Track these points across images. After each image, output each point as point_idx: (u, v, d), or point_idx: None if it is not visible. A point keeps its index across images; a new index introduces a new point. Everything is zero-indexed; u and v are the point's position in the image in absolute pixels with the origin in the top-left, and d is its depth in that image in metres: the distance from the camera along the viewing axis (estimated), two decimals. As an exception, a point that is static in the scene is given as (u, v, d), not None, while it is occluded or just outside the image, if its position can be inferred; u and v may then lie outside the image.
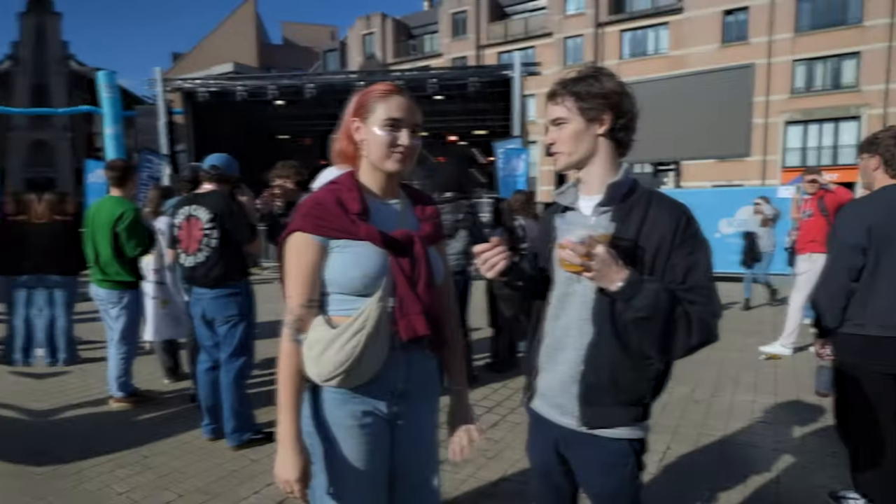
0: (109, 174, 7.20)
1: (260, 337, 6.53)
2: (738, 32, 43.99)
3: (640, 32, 48.74)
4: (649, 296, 2.26)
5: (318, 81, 22.99)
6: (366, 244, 2.45)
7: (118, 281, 7.19)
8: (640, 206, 2.51)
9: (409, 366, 2.61)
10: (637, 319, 2.31)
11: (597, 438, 2.58)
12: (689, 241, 2.45)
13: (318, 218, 2.45)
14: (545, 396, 2.75)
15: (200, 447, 6.09)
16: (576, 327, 2.58)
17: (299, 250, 2.46)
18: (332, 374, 2.38)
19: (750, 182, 41.66)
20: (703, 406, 7.27)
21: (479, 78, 21.60)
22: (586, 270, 2.29)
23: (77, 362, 9.41)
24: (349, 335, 2.35)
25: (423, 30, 63.97)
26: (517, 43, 54.66)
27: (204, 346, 6.18)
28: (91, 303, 7.64)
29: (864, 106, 39.54)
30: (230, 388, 5.89)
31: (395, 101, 2.52)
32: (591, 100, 2.48)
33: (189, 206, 5.94)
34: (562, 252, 2.30)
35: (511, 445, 6.01)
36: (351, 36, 64.98)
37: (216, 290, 5.86)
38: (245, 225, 5.98)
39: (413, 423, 2.70)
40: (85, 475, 5.44)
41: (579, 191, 2.70)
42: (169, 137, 22.63)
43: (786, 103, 42.05)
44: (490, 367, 8.99)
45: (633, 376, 2.51)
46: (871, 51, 39.41)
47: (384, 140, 2.49)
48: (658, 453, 5.83)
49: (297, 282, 2.47)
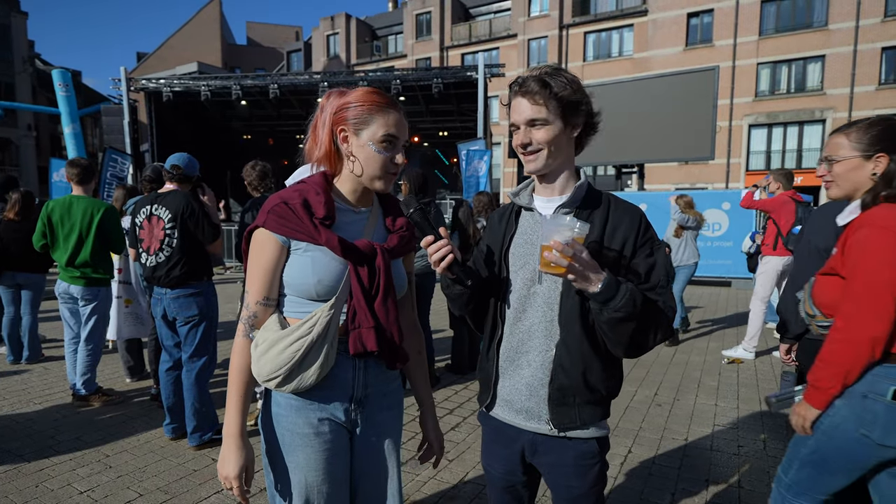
0: (71, 171, 7.16)
1: (222, 337, 6.55)
2: (703, 35, 44.09)
3: (605, 34, 48.74)
4: (626, 297, 2.29)
5: (282, 82, 23.03)
6: (325, 250, 2.42)
7: (95, 278, 7.19)
8: (601, 209, 2.56)
9: (367, 372, 2.58)
10: (614, 320, 2.32)
11: (568, 441, 2.60)
12: (648, 243, 2.53)
13: (281, 217, 2.40)
14: (509, 402, 2.70)
15: (162, 446, 6.10)
16: (541, 329, 2.58)
17: (261, 247, 2.44)
18: (270, 376, 2.39)
19: (714, 185, 42.00)
20: (665, 409, 7.32)
21: (443, 79, 21.77)
22: (569, 272, 2.28)
23: (40, 360, 9.43)
24: (292, 339, 2.36)
25: (388, 30, 63.73)
26: (481, 44, 54.59)
27: (165, 345, 6.20)
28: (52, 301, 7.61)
29: (829, 109, 39.70)
30: (191, 387, 5.93)
31: (393, 117, 2.48)
32: (574, 105, 2.49)
33: (151, 206, 5.97)
34: (548, 254, 2.25)
35: (472, 447, 6.07)
36: (315, 36, 64.62)
37: (177, 289, 5.90)
38: (207, 224, 6.00)
39: (373, 431, 2.66)
40: (46, 474, 5.45)
41: (537, 193, 2.70)
42: (133, 137, 22.52)
43: (750, 106, 42.24)
44: (451, 368, 9.03)
45: (602, 375, 2.54)
46: (836, 54, 39.57)
47: (381, 161, 2.47)
48: (619, 457, 5.89)
49: (256, 278, 2.44)
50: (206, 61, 59.31)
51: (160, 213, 5.89)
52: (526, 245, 2.64)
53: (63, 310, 7.44)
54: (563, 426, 2.58)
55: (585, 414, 2.56)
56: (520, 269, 2.63)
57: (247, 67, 63.36)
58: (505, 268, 2.68)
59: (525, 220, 2.71)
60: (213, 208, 6.25)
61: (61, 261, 7.15)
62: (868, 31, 38.50)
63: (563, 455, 2.62)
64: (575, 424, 2.57)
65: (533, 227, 2.65)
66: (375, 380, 2.61)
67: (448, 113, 27.05)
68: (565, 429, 2.58)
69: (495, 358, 2.73)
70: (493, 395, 2.76)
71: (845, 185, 3.16)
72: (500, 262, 2.69)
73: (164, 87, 23.35)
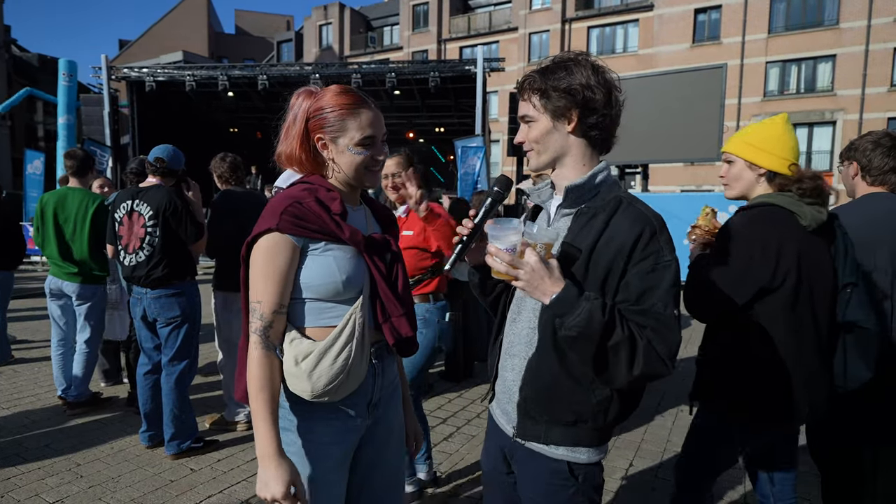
0: (68, 163, 7.11)
1: (204, 340, 6.48)
2: (710, 32, 44.19)
3: (609, 29, 48.90)
4: (582, 315, 2.16)
5: (272, 73, 22.90)
6: (345, 247, 2.43)
7: (93, 276, 7.12)
8: (604, 213, 2.38)
9: (384, 375, 2.63)
10: (568, 338, 2.24)
11: (534, 453, 2.52)
12: (650, 259, 2.28)
13: (298, 217, 2.37)
14: (498, 401, 2.72)
15: (137, 455, 6.02)
16: (524, 335, 2.54)
17: (275, 251, 2.37)
18: (325, 389, 2.35)
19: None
20: (668, 419, 7.26)
21: (441, 73, 21.70)
22: (515, 280, 2.23)
23: (9, 363, 9.29)
24: (340, 346, 2.35)
25: (383, 21, 63.83)
26: (480, 37, 54.59)
27: (144, 348, 6.12)
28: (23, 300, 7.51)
29: (840, 111, 39.74)
30: (171, 393, 5.85)
31: (366, 117, 2.50)
32: (555, 96, 2.37)
33: (131, 201, 5.88)
34: (488, 258, 2.25)
35: (466, 458, 6.02)
36: (307, 26, 64.66)
37: (158, 290, 5.81)
38: (191, 223, 5.92)
39: (383, 426, 2.71)
40: (13, 483, 5.37)
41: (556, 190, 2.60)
42: (113, 128, 22.43)
43: (758, 106, 42.22)
44: (445, 375, 8.96)
45: (571, 395, 2.41)
46: (848, 54, 39.59)
47: (363, 162, 2.51)
48: (620, 470, 5.84)
49: (270, 285, 2.37)
50: (192, 50, 59.25)
51: (141, 210, 5.80)
52: None
53: (52, 307, 7.31)
54: (525, 436, 2.53)
55: (553, 433, 2.47)
56: None
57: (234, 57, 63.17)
58: None
59: (539, 219, 2.69)
60: (197, 205, 6.14)
61: (53, 255, 7.05)
62: (880, 30, 38.49)
63: (531, 468, 2.56)
64: (538, 439, 2.50)
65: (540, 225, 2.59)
66: (386, 380, 2.67)
67: (445, 108, 26.92)
68: (526, 438, 2.53)
69: (496, 355, 2.73)
70: (492, 388, 2.80)
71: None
72: None
73: (147, 77, 23.16)
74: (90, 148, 20.21)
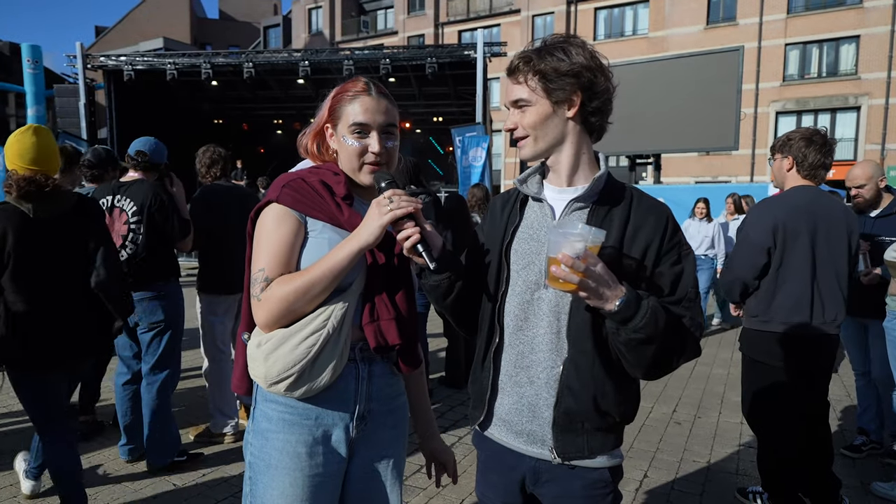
0: None
1: (186, 346, 6.45)
2: (726, 12, 43.99)
3: (617, 11, 48.70)
4: (647, 316, 2.14)
5: (258, 60, 22.84)
6: (342, 232, 2.41)
7: None
8: (622, 207, 2.40)
9: (371, 381, 2.55)
10: (633, 342, 2.18)
11: (575, 470, 2.47)
12: (675, 249, 2.39)
13: (298, 192, 2.41)
14: (508, 423, 2.56)
15: (116, 470, 5.99)
16: (546, 342, 2.44)
17: (278, 220, 2.41)
18: (279, 377, 2.32)
19: (738, 178, 41.90)
20: (685, 428, 7.27)
21: (438, 59, 21.56)
22: (581, 290, 2.09)
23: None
24: (306, 333, 2.31)
25: (377, 4, 63.58)
26: (480, 20, 54.51)
27: (122, 356, 6.10)
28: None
29: (864, 95, 39.56)
30: (152, 403, 5.82)
31: (362, 103, 2.49)
32: (558, 79, 2.34)
33: (112, 197, 5.83)
34: (555, 269, 2.06)
35: (468, 471, 5.97)
36: (295, 10, 64.58)
37: (141, 291, 5.76)
38: (178, 219, 5.89)
39: (374, 453, 2.62)
40: (-19, 501, 5.33)
41: (547, 181, 2.58)
42: (90, 120, 22.35)
43: (777, 91, 42.14)
44: (445, 381, 8.92)
45: (616, 399, 2.41)
46: (872, 35, 39.33)
47: (353, 150, 2.49)
48: (634, 482, 5.83)
49: (273, 252, 2.39)
50: (173, 37, 59.29)
51: (123, 206, 5.76)
52: (531, 241, 2.51)
53: None
54: (569, 455, 2.45)
55: (595, 442, 2.45)
56: (522, 269, 2.50)
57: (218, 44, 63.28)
58: (505, 265, 2.54)
59: (532, 212, 2.58)
60: (182, 201, 6.12)
61: None
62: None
63: (570, 485, 2.49)
64: (582, 454, 2.45)
65: (541, 220, 2.52)
66: (380, 393, 2.60)
67: (443, 96, 26.84)
68: (570, 458, 2.45)
69: (491, 369, 2.59)
70: (487, 411, 2.63)
71: None
72: (501, 258, 2.56)
73: (126, 66, 22.95)
74: (66, 142, 20.07)
